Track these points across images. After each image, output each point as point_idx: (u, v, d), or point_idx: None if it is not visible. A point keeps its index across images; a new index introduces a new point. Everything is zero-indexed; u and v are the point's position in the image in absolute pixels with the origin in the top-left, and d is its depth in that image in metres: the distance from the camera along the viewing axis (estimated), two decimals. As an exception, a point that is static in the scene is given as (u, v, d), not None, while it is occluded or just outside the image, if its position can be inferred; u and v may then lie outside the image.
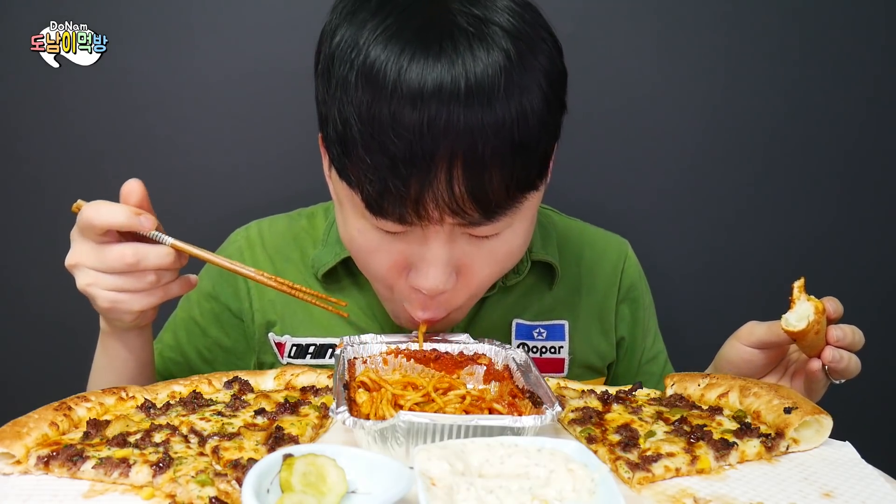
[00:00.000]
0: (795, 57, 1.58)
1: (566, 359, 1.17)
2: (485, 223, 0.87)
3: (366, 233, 0.92)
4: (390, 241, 0.91)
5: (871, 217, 1.66)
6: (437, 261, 0.89)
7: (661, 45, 1.57)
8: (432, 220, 0.86)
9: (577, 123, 1.61)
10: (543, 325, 1.17)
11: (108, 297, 0.92)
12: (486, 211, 0.86)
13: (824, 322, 0.92)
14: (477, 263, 0.93)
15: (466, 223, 0.87)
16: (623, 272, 1.24)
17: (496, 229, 0.90)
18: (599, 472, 0.63)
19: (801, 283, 0.94)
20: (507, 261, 0.97)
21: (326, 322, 1.14)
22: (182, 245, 0.93)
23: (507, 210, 0.88)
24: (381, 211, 0.86)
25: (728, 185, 1.64)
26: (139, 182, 0.94)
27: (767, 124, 1.61)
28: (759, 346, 0.99)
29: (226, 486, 0.68)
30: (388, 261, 0.93)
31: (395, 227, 0.88)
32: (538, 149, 0.86)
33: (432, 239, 0.88)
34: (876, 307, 1.68)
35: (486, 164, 0.82)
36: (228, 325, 1.19)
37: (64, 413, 0.82)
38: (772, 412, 0.81)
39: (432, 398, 0.85)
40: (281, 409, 0.85)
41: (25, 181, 1.59)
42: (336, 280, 1.15)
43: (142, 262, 0.90)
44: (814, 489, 0.70)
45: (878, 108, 1.62)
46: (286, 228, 1.21)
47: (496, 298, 1.15)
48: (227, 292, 1.19)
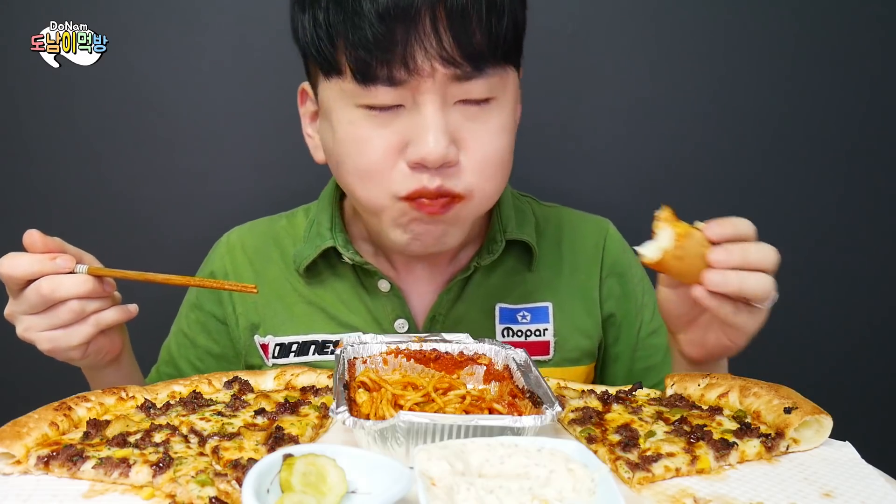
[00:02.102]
0: (795, 56, 1.58)
1: (551, 341, 1.16)
2: (475, 76, 0.91)
3: (357, 123, 0.95)
4: (383, 123, 0.94)
5: (870, 217, 1.66)
6: (433, 125, 0.91)
7: (661, 44, 1.57)
8: (423, 74, 0.89)
9: (576, 123, 1.62)
10: (527, 307, 1.17)
11: (44, 337, 0.95)
12: (473, 60, 0.90)
13: (693, 247, 0.84)
14: (472, 135, 0.95)
15: (457, 75, 0.90)
16: (605, 248, 1.23)
17: (485, 91, 0.93)
18: (599, 472, 0.63)
19: (663, 212, 0.86)
20: (502, 135, 0.98)
21: (308, 319, 1.16)
22: (101, 269, 0.96)
23: (492, 65, 0.92)
24: (372, 76, 0.90)
25: (728, 184, 1.64)
26: (37, 232, 0.96)
27: (766, 122, 1.61)
28: (671, 286, 0.95)
29: (226, 486, 0.68)
30: (383, 144, 0.95)
31: (388, 94, 0.91)
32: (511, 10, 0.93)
33: (426, 105, 0.91)
34: (876, 307, 1.68)
35: (466, 12, 0.88)
36: (215, 333, 1.21)
37: (64, 413, 0.82)
38: (772, 412, 0.81)
39: (432, 398, 0.85)
40: (281, 409, 0.85)
41: (26, 181, 1.60)
42: (317, 273, 1.16)
43: (56, 291, 0.92)
44: (814, 489, 0.70)
45: (874, 107, 1.61)
46: (266, 230, 1.24)
47: (477, 282, 1.15)
48: (210, 300, 1.21)
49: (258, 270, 1.19)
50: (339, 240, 1.13)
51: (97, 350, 1.00)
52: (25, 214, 1.61)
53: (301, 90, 1.09)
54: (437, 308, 1.14)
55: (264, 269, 1.19)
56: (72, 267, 0.94)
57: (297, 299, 1.17)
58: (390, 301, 1.14)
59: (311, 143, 1.10)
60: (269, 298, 1.17)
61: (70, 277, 0.93)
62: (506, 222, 1.15)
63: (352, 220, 1.19)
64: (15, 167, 1.59)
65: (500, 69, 0.95)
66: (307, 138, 1.10)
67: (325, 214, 1.16)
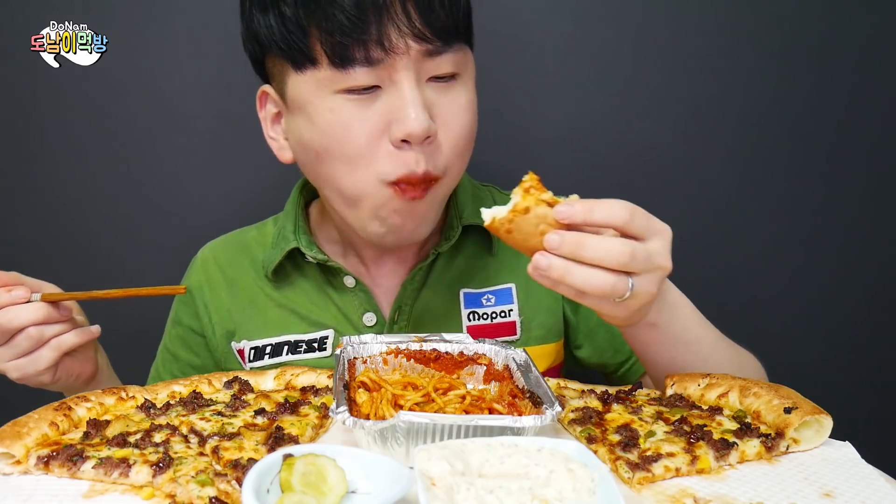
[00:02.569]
0: (794, 55, 1.58)
1: (517, 321, 1.18)
2: (444, 51, 0.97)
3: (337, 109, 0.98)
4: (364, 105, 0.97)
5: (871, 215, 1.66)
6: (413, 100, 0.96)
7: (660, 44, 1.57)
8: (398, 51, 0.94)
9: (576, 122, 1.62)
10: (491, 290, 1.19)
11: (11, 367, 1.00)
12: (441, 36, 0.96)
13: (532, 222, 0.79)
14: (445, 110, 1.00)
15: (429, 51, 0.96)
16: None
17: (452, 66, 0.99)
18: (599, 472, 0.63)
19: (527, 179, 0.80)
20: (469, 111, 1.04)
21: (281, 322, 1.19)
22: (54, 295, 1.00)
23: (456, 41, 0.99)
24: (350, 58, 0.95)
25: (726, 183, 1.64)
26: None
27: (766, 121, 1.61)
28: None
29: (226, 486, 0.68)
30: (368, 126, 0.98)
31: (366, 75, 0.95)
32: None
33: (402, 82, 0.96)
34: (875, 307, 1.68)
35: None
36: (195, 345, 1.25)
37: (64, 413, 0.82)
38: (772, 412, 0.81)
39: (432, 398, 0.85)
40: (281, 409, 0.85)
41: (26, 181, 1.59)
42: (285, 276, 1.20)
43: (13, 321, 0.97)
44: (814, 489, 0.70)
45: (872, 107, 1.61)
46: (236, 241, 1.28)
47: (440, 269, 1.17)
48: (187, 314, 1.25)
49: (230, 280, 1.23)
50: (302, 241, 1.16)
51: (67, 373, 1.05)
52: (25, 214, 1.61)
53: (261, 94, 1.11)
54: (401, 298, 1.16)
55: (236, 277, 1.23)
56: (27, 297, 0.99)
57: (269, 303, 1.20)
58: (357, 296, 1.17)
59: (274, 144, 1.12)
60: (242, 305, 1.21)
61: (26, 306, 0.98)
62: (461, 209, 1.17)
63: (319, 225, 1.23)
64: (15, 167, 1.59)
65: (462, 46, 1.02)
66: (270, 141, 1.12)
67: (290, 219, 1.20)
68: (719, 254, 1.66)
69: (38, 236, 1.61)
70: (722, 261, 1.67)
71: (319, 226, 1.23)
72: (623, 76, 1.59)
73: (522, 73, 1.58)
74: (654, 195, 1.63)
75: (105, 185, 1.61)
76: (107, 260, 1.62)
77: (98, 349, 1.14)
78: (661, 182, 1.63)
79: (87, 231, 1.62)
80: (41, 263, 1.63)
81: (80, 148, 1.58)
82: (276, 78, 1.06)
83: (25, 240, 1.61)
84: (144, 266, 1.62)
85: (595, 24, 1.57)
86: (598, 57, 1.58)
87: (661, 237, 0.82)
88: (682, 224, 1.65)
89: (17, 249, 1.61)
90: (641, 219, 0.81)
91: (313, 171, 1.07)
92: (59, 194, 1.60)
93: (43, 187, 1.60)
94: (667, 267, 0.83)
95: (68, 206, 1.60)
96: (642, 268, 0.80)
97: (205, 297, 1.23)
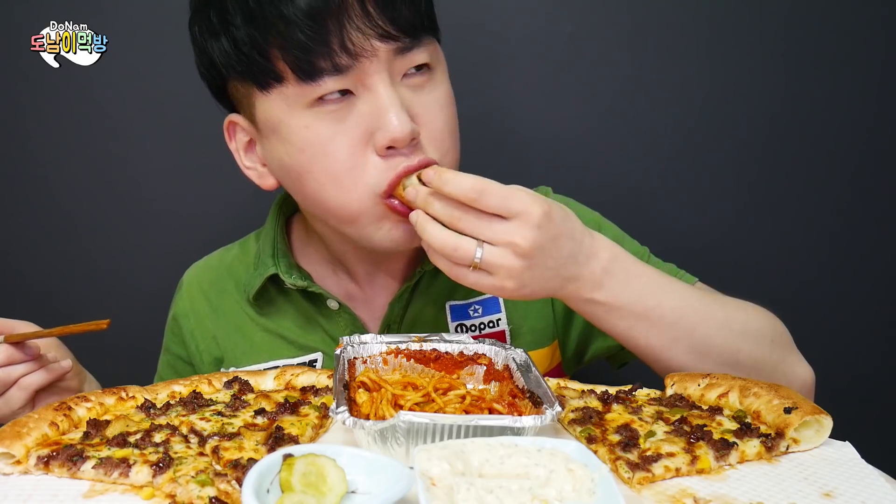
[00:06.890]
0: (793, 55, 1.58)
1: (506, 330, 1.16)
2: (414, 46, 0.94)
3: (313, 126, 0.94)
4: (339, 118, 0.94)
5: (871, 215, 1.66)
6: (391, 103, 0.93)
7: (660, 44, 1.57)
8: (366, 55, 0.91)
9: (576, 121, 1.62)
10: (477, 301, 1.16)
11: None
12: (407, 31, 0.93)
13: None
14: (424, 109, 0.97)
15: (399, 48, 0.93)
16: None
17: (425, 58, 0.96)
18: (599, 472, 0.63)
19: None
20: (448, 106, 1.01)
21: (268, 347, 1.16)
22: (18, 335, 1.01)
23: (423, 34, 0.96)
24: (316, 70, 0.90)
25: (726, 183, 1.64)
26: None
27: (765, 122, 1.61)
28: None
29: (226, 486, 0.68)
30: (349, 139, 0.94)
31: (335, 82, 0.92)
32: None
33: (377, 85, 0.93)
34: (876, 307, 1.68)
35: None
36: (184, 373, 1.23)
37: (64, 413, 0.82)
38: (772, 412, 0.81)
39: (432, 398, 0.85)
40: (281, 409, 0.85)
41: (26, 181, 1.60)
42: (269, 301, 1.16)
43: None
44: (814, 489, 0.70)
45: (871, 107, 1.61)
46: (219, 262, 1.25)
47: (425, 284, 1.15)
48: (175, 342, 1.24)
49: (215, 305, 1.20)
50: (281, 266, 1.13)
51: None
52: (25, 214, 1.61)
53: (227, 124, 1.07)
54: (388, 318, 1.14)
55: (221, 302, 1.20)
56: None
57: (254, 329, 1.17)
58: (342, 318, 1.14)
59: (253, 174, 1.08)
60: (228, 331, 1.18)
61: None
62: None
63: (304, 242, 1.19)
64: (15, 167, 1.59)
65: (430, 39, 0.99)
66: (247, 171, 1.08)
67: (268, 241, 1.17)
68: (718, 254, 1.66)
69: (37, 236, 1.61)
70: (721, 261, 1.67)
71: (304, 243, 1.19)
72: (623, 76, 1.59)
73: (523, 72, 1.58)
74: (655, 195, 1.64)
75: (105, 185, 1.61)
76: (107, 260, 1.63)
77: (84, 377, 1.13)
78: (661, 182, 1.63)
79: (86, 229, 1.62)
80: (41, 262, 1.64)
81: (80, 148, 1.59)
82: (241, 103, 1.02)
83: (24, 238, 1.61)
84: (144, 265, 1.62)
85: (595, 24, 1.57)
86: (598, 57, 1.58)
87: (520, 218, 0.84)
88: (682, 224, 1.66)
89: (17, 248, 1.62)
90: (492, 198, 0.84)
91: (300, 192, 1.03)
92: (58, 194, 1.60)
93: (42, 187, 1.60)
94: (520, 244, 0.84)
95: (68, 206, 1.60)
96: (486, 236, 0.84)
97: (191, 324, 1.21)
